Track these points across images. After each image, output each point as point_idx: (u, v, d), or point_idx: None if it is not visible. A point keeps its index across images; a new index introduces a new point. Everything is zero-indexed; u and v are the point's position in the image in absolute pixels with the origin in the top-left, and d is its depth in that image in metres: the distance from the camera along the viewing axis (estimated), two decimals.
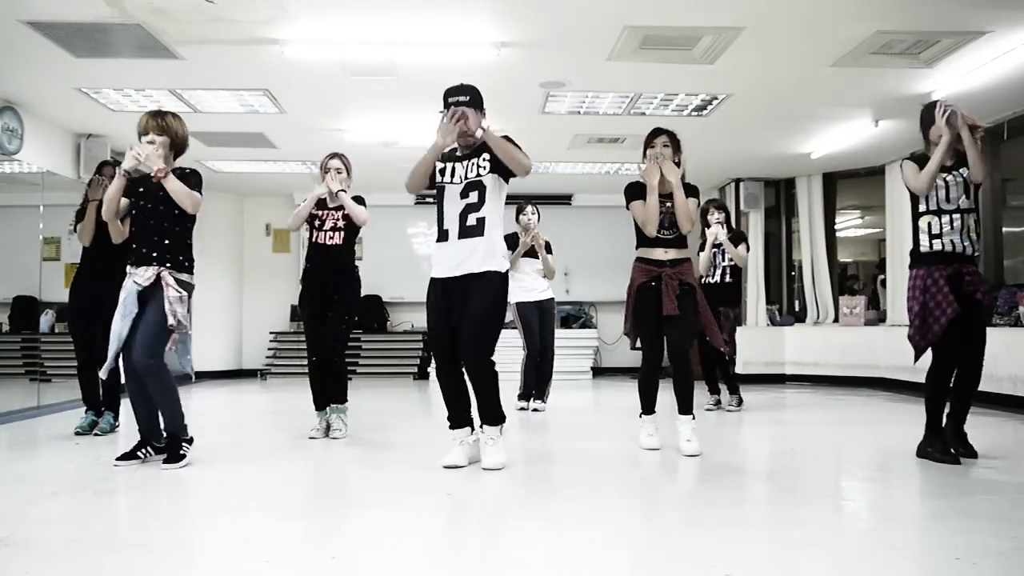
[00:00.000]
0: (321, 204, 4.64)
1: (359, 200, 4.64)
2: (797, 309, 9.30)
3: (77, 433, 4.70)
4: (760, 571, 2.22)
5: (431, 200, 3.86)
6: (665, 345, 4.13)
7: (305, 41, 4.80)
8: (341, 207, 4.59)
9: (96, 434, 4.72)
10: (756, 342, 8.85)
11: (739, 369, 8.83)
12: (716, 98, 6.04)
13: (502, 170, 3.60)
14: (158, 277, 3.61)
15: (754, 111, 6.36)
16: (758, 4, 4.37)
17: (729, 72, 5.38)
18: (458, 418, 3.76)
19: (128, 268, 3.68)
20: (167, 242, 3.66)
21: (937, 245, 3.74)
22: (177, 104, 6.08)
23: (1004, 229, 6.94)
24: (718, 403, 6.10)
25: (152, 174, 3.60)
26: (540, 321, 5.99)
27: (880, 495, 3.39)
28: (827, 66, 5.26)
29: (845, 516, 2.95)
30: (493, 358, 3.65)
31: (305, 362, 4.72)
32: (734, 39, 4.81)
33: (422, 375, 9.44)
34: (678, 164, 4.14)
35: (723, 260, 6.04)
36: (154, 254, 3.64)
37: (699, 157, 7.99)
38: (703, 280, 5.95)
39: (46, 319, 7.05)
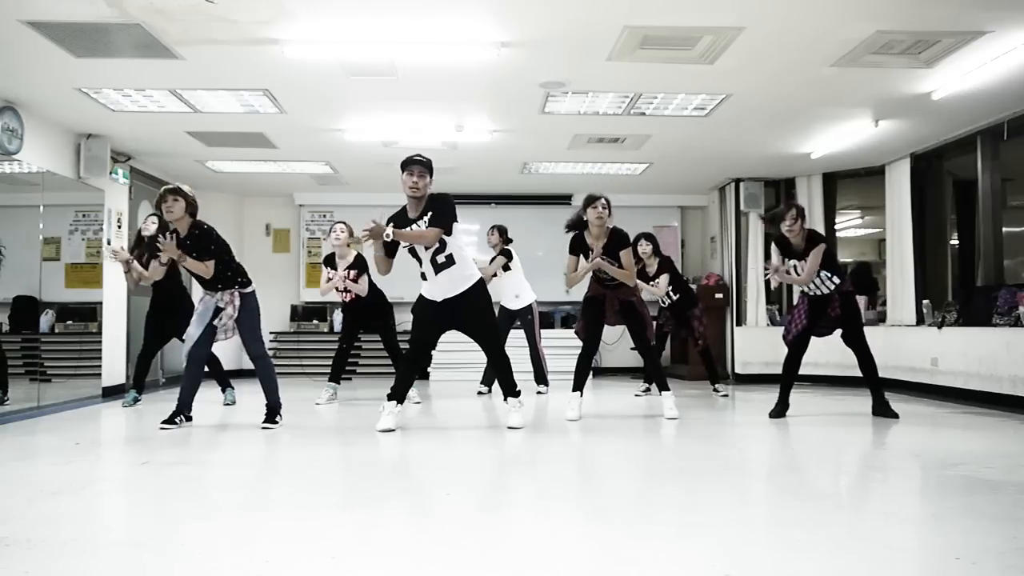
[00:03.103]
0: (330, 262, 6.38)
1: (360, 263, 6.27)
2: None
3: (125, 406, 6.09)
4: (760, 571, 2.22)
5: None
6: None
7: (305, 41, 4.80)
8: (348, 267, 6.24)
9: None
10: (756, 342, 8.85)
11: (739, 369, 8.90)
12: (716, 98, 6.04)
13: (438, 223, 4.54)
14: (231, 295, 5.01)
15: (754, 111, 6.35)
16: (758, 4, 4.37)
17: (729, 72, 5.38)
18: (401, 395, 4.86)
19: (204, 295, 5.02)
20: (229, 274, 4.97)
21: (802, 291, 5.59)
22: (177, 104, 6.08)
23: (1004, 229, 6.92)
24: (647, 391, 7.20)
25: (177, 259, 4.79)
26: (519, 323, 7.28)
27: (880, 495, 3.39)
28: (827, 66, 5.26)
29: (845, 516, 2.95)
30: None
31: (306, 362, 5.11)
32: (734, 39, 4.81)
33: (422, 375, 9.42)
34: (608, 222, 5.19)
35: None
36: (219, 285, 4.97)
37: (699, 157, 8.00)
38: (663, 303, 7.02)
39: (46, 319, 7.05)
